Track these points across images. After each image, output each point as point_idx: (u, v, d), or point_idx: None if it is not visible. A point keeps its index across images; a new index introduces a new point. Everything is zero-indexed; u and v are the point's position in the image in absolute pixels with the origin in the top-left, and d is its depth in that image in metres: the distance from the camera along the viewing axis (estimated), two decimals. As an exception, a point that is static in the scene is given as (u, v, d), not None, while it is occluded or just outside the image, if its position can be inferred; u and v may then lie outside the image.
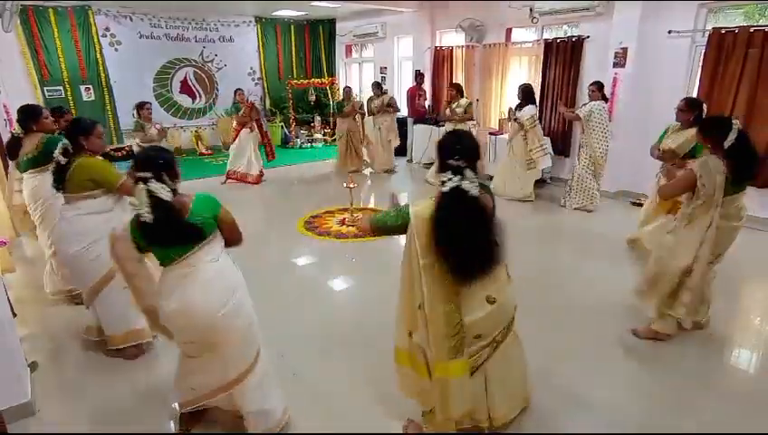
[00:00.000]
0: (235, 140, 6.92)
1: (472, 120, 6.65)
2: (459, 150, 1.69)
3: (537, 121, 5.83)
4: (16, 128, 3.66)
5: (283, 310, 3.42)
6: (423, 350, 1.91)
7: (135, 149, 6.00)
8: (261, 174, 7.06)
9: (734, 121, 2.56)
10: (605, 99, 5.27)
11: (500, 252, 1.81)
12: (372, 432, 2.23)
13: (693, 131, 3.22)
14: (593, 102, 5.18)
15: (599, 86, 5.21)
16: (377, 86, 7.61)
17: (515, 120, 5.82)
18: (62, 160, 2.59)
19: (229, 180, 7.03)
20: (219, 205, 1.97)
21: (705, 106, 3.78)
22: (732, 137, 2.49)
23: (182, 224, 1.82)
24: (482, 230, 1.75)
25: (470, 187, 1.68)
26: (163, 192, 1.77)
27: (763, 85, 4.69)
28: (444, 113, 6.90)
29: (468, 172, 1.69)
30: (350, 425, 2.29)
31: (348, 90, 7.89)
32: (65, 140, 2.75)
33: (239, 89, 7.04)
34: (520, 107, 5.82)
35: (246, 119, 6.78)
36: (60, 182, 2.61)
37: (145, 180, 1.76)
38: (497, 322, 1.92)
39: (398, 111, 7.74)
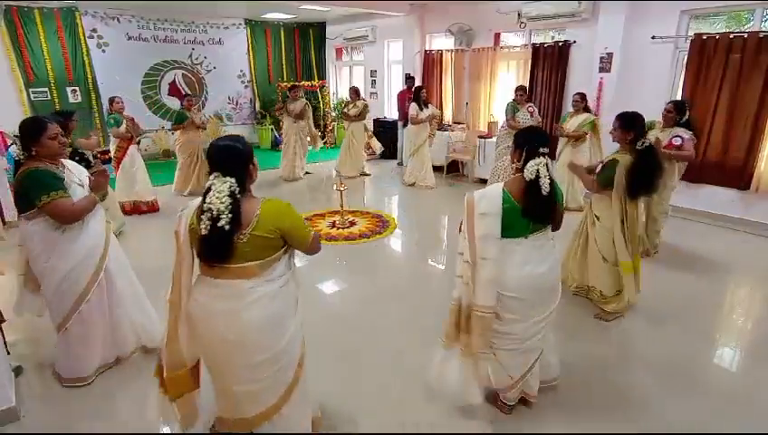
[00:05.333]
0: (122, 161, 5.43)
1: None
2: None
3: None
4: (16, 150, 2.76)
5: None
6: None
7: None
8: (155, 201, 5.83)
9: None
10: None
11: None
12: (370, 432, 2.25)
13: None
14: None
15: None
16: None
17: None
18: None
19: (125, 214, 5.31)
20: None
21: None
22: None
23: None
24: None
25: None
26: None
27: (744, 89, 4.81)
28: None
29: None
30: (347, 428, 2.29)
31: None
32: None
33: (115, 97, 5.57)
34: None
35: (128, 135, 5.43)
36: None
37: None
38: None
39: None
